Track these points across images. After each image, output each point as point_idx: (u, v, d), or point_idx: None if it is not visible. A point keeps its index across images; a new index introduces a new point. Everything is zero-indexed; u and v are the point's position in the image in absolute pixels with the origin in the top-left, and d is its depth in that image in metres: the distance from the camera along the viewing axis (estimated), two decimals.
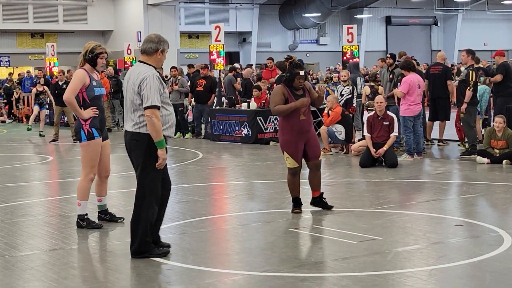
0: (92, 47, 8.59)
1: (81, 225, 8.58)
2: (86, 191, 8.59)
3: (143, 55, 7.18)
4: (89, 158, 8.53)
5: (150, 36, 7.31)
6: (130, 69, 7.26)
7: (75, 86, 8.38)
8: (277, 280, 6.34)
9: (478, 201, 9.98)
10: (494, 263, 6.73)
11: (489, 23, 52.33)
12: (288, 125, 9.11)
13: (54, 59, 31.65)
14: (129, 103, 7.06)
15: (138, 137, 7.00)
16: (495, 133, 13.49)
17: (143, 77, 6.92)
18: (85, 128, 8.44)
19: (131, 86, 7.02)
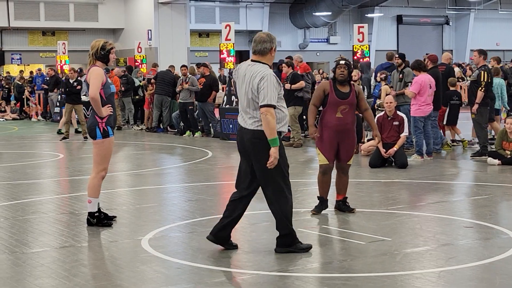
0: (102, 44, 8.60)
1: (91, 223, 8.59)
2: (97, 188, 8.61)
3: (257, 55, 7.23)
4: (102, 156, 8.55)
5: (262, 36, 7.35)
6: (242, 68, 7.25)
7: (98, 83, 8.37)
8: (285, 280, 6.34)
9: (488, 203, 9.95)
10: (504, 266, 6.71)
11: (501, 22, 52.13)
12: (323, 121, 9.06)
13: (65, 57, 31.77)
14: (247, 102, 7.08)
15: (261, 136, 6.99)
16: (507, 135, 13.45)
17: (261, 76, 6.99)
18: (101, 126, 8.45)
19: (249, 85, 7.05)
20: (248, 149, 7.12)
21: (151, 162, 15.54)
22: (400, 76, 15.86)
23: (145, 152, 17.33)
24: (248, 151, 7.13)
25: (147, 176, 13.25)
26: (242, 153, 7.27)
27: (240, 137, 7.21)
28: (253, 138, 7.05)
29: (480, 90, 14.10)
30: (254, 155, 7.09)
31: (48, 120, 28.33)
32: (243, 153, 7.25)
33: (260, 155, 7.03)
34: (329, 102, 9.01)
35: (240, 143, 7.22)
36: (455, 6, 50.07)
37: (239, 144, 7.25)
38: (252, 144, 7.06)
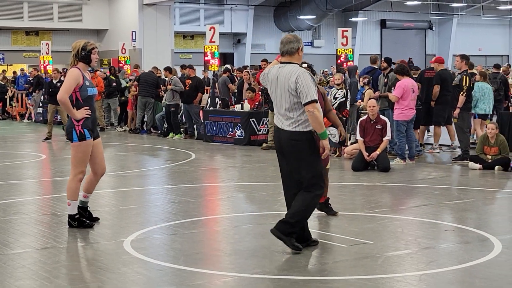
0: (83, 44, 8.52)
1: (72, 225, 8.55)
2: (75, 190, 8.55)
3: (286, 56, 7.33)
4: (78, 159, 8.48)
5: (288, 38, 7.40)
6: (272, 72, 7.35)
7: (69, 85, 8.32)
8: (267, 283, 6.36)
9: (469, 207, 10.01)
10: (484, 269, 6.76)
11: (484, 28, 52.47)
12: None
13: (49, 57, 31.65)
14: (283, 104, 7.21)
15: (298, 137, 7.18)
16: (488, 140, 13.54)
17: (296, 75, 7.11)
18: (77, 128, 8.37)
19: (284, 87, 7.17)
20: (285, 149, 7.31)
21: (134, 164, 15.52)
22: (385, 80, 15.92)
23: (128, 153, 17.30)
24: (285, 151, 7.32)
25: (130, 177, 13.23)
26: (280, 152, 7.46)
27: (278, 137, 7.41)
28: (290, 139, 7.23)
29: (461, 94, 14.19)
30: (291, 155, 7.28)
31: (30, 120, 28.19)
32: (281, 153, 7.44)
33: (297, 155, 7.24)
34: None
35: (278, 143, 7.43)
36: (438, 11, 50.32)
37: (277, 144, 7.47)
38: (290, 145, 7.24)
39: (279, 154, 7.51)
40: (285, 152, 7.35)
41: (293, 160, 7.30)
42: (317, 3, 42.86)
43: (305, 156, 7.23)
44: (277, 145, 7.47)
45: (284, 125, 7.28)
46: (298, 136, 7.19)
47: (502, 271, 6.71)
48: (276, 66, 7.41)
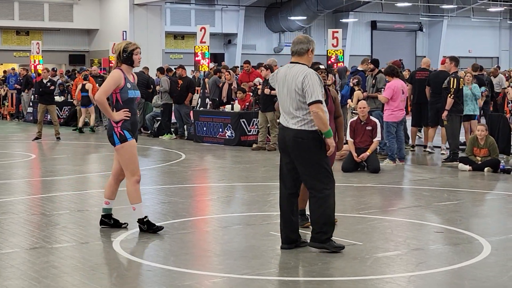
0: (123, 46, 8.30)
1: (142, 229, 8.29)
2: (136, 193, 8.30)
3: (295, 56, 7.44)
4: (126, 161, 8.25)
5: (299, 38, 7.52)
6: (281, 71, 7.46)
7: (108, 86, 8.15)
8: (256, 283, 6.36)
9: (459, 208, 10.03)
10: (473, 271, 6.78)
11: (474, 30, 52.62)
12: None
13: (39, 56, 31.53)
14: (290, 102, 7.28)
15: (303, 135, 7.24)
16: (477, 141, 13.58)
17: (304, 75, 7.21)
18: (116, 130, 8.18)
19: (291, 86, 7.26)
20: (290, 147, 7.33)
21: None
22: (373, 82, 15.96)
23: None
24: (290, 149, 7.34)
25: None
26: (283, 151, 7.50)
27: (282, 135, 7.45)
28: (296, 137, 7.27)
29: (449, 96, 14.21)
30: (296, 153, 7.32)
31: (20, 120, 28.13)
32: (285, 151, 7.46)
33: (302, 154, 7.29)
34: None
35: (282, 141, 7.46)
36: (429, 13, 50.42)
37: (281, 142, 7.50)
38: (295, 143, 7.28)
39: (282, 153, 7.55)
40: (289, 150, 7.37)
41: (298, 159, 7.34)
42: (308, 4, 42.89)
43: (310, 154, 7.29)
44: (281, 143, 7.50)
45: (289, 123, 7.33)
46: (303, 134, 7.26)
47: (491, 273, 6.73)
48: (285, 65, 7.51)
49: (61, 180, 12.77)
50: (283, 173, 7.60)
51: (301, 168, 7.38)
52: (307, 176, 7.38)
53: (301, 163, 7.35)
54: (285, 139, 7.40)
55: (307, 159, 7.30)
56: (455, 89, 14.24)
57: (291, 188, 7.55)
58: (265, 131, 17.30)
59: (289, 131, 7.34)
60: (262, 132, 17.29)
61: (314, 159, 7.31)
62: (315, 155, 7.30)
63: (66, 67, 38.96)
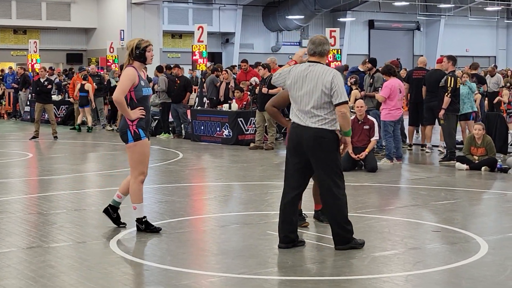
0: (136, 43, 8.26)
1: (140, 229, 8.27)
2: (139, 193, 8.28)
3: (316, 56, 7.45)
4: (136, 160, 8.22)
5: (320, 39, 7.54)
6: (298, 70, 7.46)
7: (125, 85, 8.07)
8: (254, 283, 6.35)
9: (456, 207, 10.04)
10: (470, 270, 6.78)
11: (471, 29, 52.68)
12: None
13: (37, 55, 31.56)
14: (310, 101, 7.30)
15: (324, 134, 7.29)
16: (475, 140, 13.59)
17: (332, 75, 7.30)
18: (131, 128, 8.13)
19: (316, 85, 7.29)
20: (308, 146, 7.32)
21: (121, 163, 15.47)
22: (370, 81, 15.98)
23: (115, 152, 17.26)
24: (307, 148, 7.33)
25: (117, 177, 13.18)
26: (295, 150, 7.45)
27: (298, 134, 7.41)
28: (317, 136, 7.30)
29: (446, 95, 14.21)
30: (315, 152, 7.34)
31: (17, 119, 28.11)
32: (297, 150, 7.43)
33: (322, 153, 7.34)
34: None
35: (296, 140, 7.43)
36: (426, 12, 50.48)
37: (294, 141, 7.45)
38: (316, 142, 7.31)
39: (293, 152, 7.50)
40: (306, 149, 7.37)
41: (317, 158, 7.37)
42: (305, 3, 42.91)
43: (329, 154, 7.35)
44: (295, 141, 7.46)
45: (308, 122, 7.33)
46: (324, 133, 7.30)
47: (488, 272, 6.73)
48: (301, 65, 7.49)
49: (58, 179, 12.76)
50: (289, 173, 7.58)
51: (319, 167, 7.41)
52: (325, 175, 7.42)
53: (320, 162, 7.38)
54: (301, 137, 7.37)
55: (326, 158, 7.36)
56: (452, 88, 14.25)
57: (296, 188, 7.55)
58: (262, 130, 17.30)
59: (308, 130, 7.33)
60: (259, 131, 17.28)
61: (332, 158, 7.38)
62: (333, 154, 7.39)
63: (63, 66, 38.97)
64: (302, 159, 7.43)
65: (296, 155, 7.47)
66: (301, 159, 7.44)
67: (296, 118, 7.44)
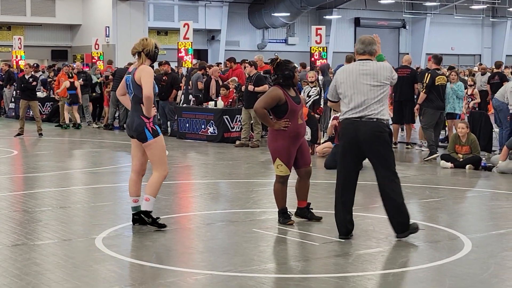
0: (155, 43, 8.32)
1: (145, 221, 8.27)
2: (158, 187, 8.29)
3: (366, 54, 7.81)
4: (159, 155, 8.25)
5: (369, 39, 7.94)
6: (351, 67, 7.78)
7: (151, 82, 8.12)
8: (239, 280, 6.37)
9: (440, 205, 10.09)
10: (454, 268, 6.82)
11: (457, 27, 52.85)
12: (287, 131, 8.46)
13: (21, 52, 31.37)
14: (369, 96, 7.58)
15: (382, 128, 7.61)
16: (459, 139, 13.66)
17: (391, 71, 7.79)
18: (149, 126, 8.15)
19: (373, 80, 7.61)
20: (367, 140, 7.57)
21: (106, 160, 15.47)
22: None
23: (101, 150, 17.23)
24: (365, 142, 7.58)
25: (102, 174, 13.18)
26: (351, 145, 7.67)
27: (355, 129, 7.62)
28: (375, 130, 7.57)
29: (422, 91, 14.72)
30: (375, 146, 7.61)
31: (2, 116, 27.98)
32: (353, 145, 7.66)
33: (381, 146, 7.60)
34: (290, 111, 8.49)
35: (354, 134, 7.63)
36: (412, 10, 50.61)
37: (352, 136, 7.65)
38: (376, 136, 7.57)
39: (350, 147, 7.70)
40: (363, 143, 7.59)
41: (374, 152, 7.64)
42: (291, 0, 42.91)
43: (386, 145, 7.65)
44: (352, 136, 7.65)
45: (368, 117, 7.58)
46: (382, 127, 7.60)
47: (472, 270, 6.78)
48: (353, 63, 7.80)
49: (44, 177, 12.73)
50: (347, 171, 7.86)
51: (379, 159, 7.66)
52: (383, 169, 7.69)
53: (379, 155, 7.66)
54: (359, 132, 7.59)
55: (384, 150, 7.64)
56: (427, 84, 14.65)
57: (354, 187, 7.96)
58: (248, 128, 17.31)
59: (367, 124, 7.57)
60: (245, 129, 17.29)
61: (389, 149, 7.73)
62: (389, 145, 7.72)
63: (48, 62, 38.80)
64: (357, 153, 7.76)
65: (354, 149, 7.71)
66: (357, 153, 7.75)
67: (351, 113, 7.64)
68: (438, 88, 14.80)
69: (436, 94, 14.74)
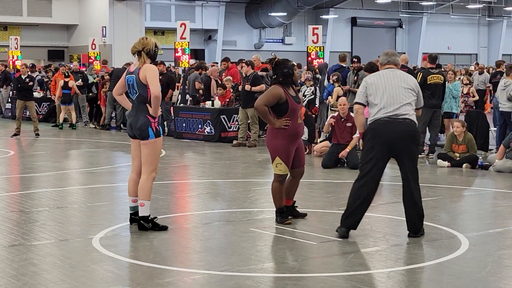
0: (155, 42, 8.28)
1: (145, 227, 8.22)
2: (149, 190, 8.25)
3: (392, 64, 8.13)
4: (154, 156, 8.22)
5: (392, 52, 8.35)
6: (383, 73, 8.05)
7: (158, 80, 8.10)
8: (236, 280, 6.36)
9: (437, 204, 10.10)
10: (451, 266, 6.83)
11: (453, 27, 52.89)
12: (287, 130, 8.52)
13: (18, 52, 31.34)
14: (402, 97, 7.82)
15: (416, 129, 7.89)
16: (456, 138, 13.67)
17: (415, 81, 8.15)
18: (153, 125, 8.13)
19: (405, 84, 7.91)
20: (402, 140, 7.74)
21: (103, 160, 15.45)
22: (355, 78, 16.07)
23: (98, 150, 17.21)
24: (400, 142, 7.74)
25: (99, 174, 13.16)
26: (387, 145, 7.79)
27: (391, 129, 7.75)
28: (411, 130, 7.78)
29: None
30: (409, 145, 7.78)
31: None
32: (389, 145, 7.78)
33: (414, 146, 7.85)
34: (291, 109, 8.54)
35: (389, 135, 7.75)
36: (408, 10, 50.64)
37: (387, 136, 7.77)
38: (410, 136, 7.77)
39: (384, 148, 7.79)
40: (398, 142, 7.73)
41: (407, 151, 7.78)
42: (288, 0, 42.92)
43: (417, 146, 7.96)
44: (387, 137, 7.76)
45: (402, 117, 7.75)
46: (416, 128, 7.87)
47: (469, 268, 6.79)
48: (385, 71, 8.06)
49: (40, 177, 12.71)
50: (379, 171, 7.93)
51: (410, 161, 7.84)
52: (413, 170, 7.88)
53: (412, 154, 7.86)
54: (393, 132, 7.73)
55: (415, 150, 7.88)
56: (419, 83, 14.57)
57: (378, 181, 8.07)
58: (245, 128, 17.30)
59: (403, 124, 7.74)
60: (242, 128, 17.29)
61: (417, 150, 8.03)
62: (418, 146, 8.07)
63: (45, 62, 38.77)
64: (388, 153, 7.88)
65: (387, 149, 7.83)
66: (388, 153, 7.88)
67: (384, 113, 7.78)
68: (430, 87, 14.80)
69: (429, 93, 14.70)
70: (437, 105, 15.03)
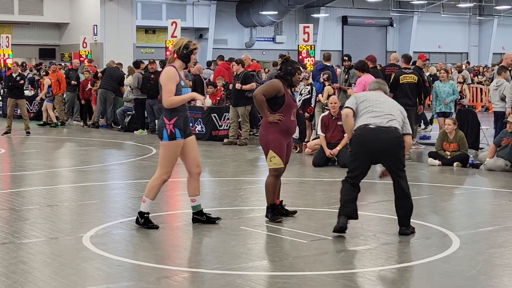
0: (185, 43, 8.19)
1: (139, 222, 8.23)
2: (156, 190, 8.24)
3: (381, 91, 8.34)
4: (167, 158, 8.17)
5: (383, 81, 8.72)
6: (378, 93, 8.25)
7: (171, 87, 8.00)
8: (226, 278, 6.36)
9: (428, 203, 10.11)
10: (442, 265, 6.83)
11: (444, 25, 53.02)
12: (276, 123, 8.60)
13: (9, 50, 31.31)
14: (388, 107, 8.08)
15: (400, 135, 7.97)
16: (447, 136, 13.69)
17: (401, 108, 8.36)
18: (168, 127, 8.07)
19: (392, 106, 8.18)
20: (388, 146, 7.89)
21: (94, 158, 15.41)
22: (346, 77, 16.09)
23: (88, 148, 17.17)
24: (387, 148, 7.89)
25: (90, 172, 13.14)
26: (372, 151, 7.90)
27: (377, 135, 7.87)
28: (396, 137, 7.90)
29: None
30: (395, 151, 7.92)
31: None
32: (374, 151, 7.90)
33: (400, 151, 7.96)
34: (286, 105, 8.62)
35: (376, 141, 7.86)
36: (399, 8, 50.73)
37: (373, 143, 7.88)
38: (395, 143, 7.90)
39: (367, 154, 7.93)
40: (386, 149, 7.87)
41: (393, 156, 7.92)
42: None
43: (402, 152, 8.00)
44: (374, 144, 7.87)
45: (389, 124, 7.90)
46: (400, 134, 7.95)
47: (460, 267, 6.80)
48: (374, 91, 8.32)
49: (31, 175, 12.68)
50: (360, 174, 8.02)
51: (396, 165, 7.96)
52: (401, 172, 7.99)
53: (398, 160, 7.95)
54: (381, 138, 7.85)
55: (401, 156, 7.97)
56: (391, 83, 14.77)
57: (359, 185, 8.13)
58: (236, 126, 17.29)
59: (390, 132, 7.87)
60: (233, 127, 17.28)
61: (403, 154, 8.04)
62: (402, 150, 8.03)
63: (36, 61, 38.68)
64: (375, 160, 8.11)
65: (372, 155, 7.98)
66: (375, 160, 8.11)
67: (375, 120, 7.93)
68: (403, 87, 14.92)
69: (403, 92, 14.84)
70: (409, 104, 14.91)
